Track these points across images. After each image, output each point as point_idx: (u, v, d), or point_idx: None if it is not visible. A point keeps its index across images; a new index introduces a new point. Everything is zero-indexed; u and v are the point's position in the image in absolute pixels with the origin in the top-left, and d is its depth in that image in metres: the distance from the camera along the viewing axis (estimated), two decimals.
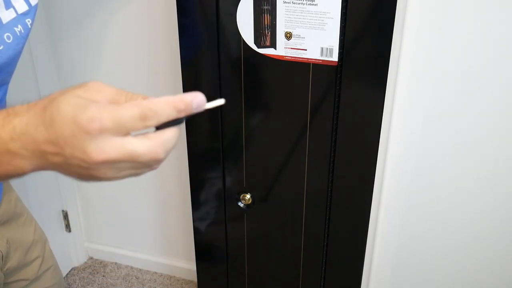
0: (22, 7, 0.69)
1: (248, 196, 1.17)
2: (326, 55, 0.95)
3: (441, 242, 1.35)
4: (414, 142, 1.24)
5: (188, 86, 1.08)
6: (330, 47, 0.94)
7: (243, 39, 0.99)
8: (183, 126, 0.83)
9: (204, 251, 1.31)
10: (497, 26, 1.05)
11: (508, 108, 1.13)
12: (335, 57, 0.95)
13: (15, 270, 0.89)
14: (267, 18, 0.95)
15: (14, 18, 0.67)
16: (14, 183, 1.64)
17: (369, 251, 1.42)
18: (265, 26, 0.96)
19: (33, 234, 0.94)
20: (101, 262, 1.87)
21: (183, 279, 1.78)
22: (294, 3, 0.92)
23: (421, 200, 1.31)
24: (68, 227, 1.77)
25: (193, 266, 1.45)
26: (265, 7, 0.94)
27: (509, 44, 1.06)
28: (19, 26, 0.68)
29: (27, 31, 0.70)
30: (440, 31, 1.09)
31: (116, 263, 1.86)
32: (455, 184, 1.26)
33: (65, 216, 1.75)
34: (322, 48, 0.95)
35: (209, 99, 0.44)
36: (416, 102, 1.18)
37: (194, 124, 1.12)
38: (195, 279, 1.46)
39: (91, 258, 1.89)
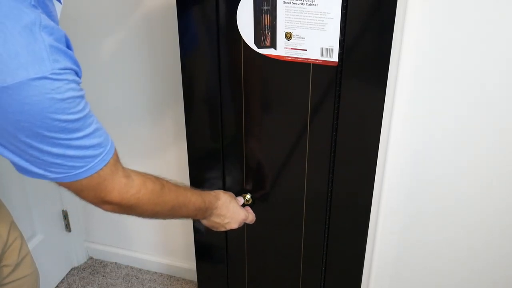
0: None
1: (248, 196, 1.17)
2: (326, 55, 0.95)
3: (441, 243, 1.35)
4: (414, 142, 1.24)
5: (187, 86, 1.08)
6: (330, 47, 0.94)
7: (243, 39, 0.99)
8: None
9: (204, 251, 1.31)
10: (497, 26, 1.05)
11: (508, 108, 1.13)
12: (335, 57, 0.95)
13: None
14: (267, 18, 0.96)
15: None
16: (15, 182, 1.63)
17: (369, 251, 1.42)
18: (265, 26, 0.96)
19: (7, 216, 1.02)
20: (101, 262, 1.87)
21: (183, 279, 1.78)
22: (294, 3, 0.92)
23: (421, 200, 1.31)
24: (68, 227, 1.77)
25: (193, 266, 1.45)
26: (265, 7, 0.94)
27: (509, 44, 1.06)
28: None
29: None
30: (440, 31, 1.09)
31: (116, 263, 1.86)
32: (455, 184, 1.26)
33: (65, 216, 1.75)
34: (322, 48, 0.95)
35: (209, 98, 0.45)
36: (416, 102, 1.18)
37: (194, 124, 1.12)
38: (195, 279, 1.46)
39: (91, 258, 1.89)
